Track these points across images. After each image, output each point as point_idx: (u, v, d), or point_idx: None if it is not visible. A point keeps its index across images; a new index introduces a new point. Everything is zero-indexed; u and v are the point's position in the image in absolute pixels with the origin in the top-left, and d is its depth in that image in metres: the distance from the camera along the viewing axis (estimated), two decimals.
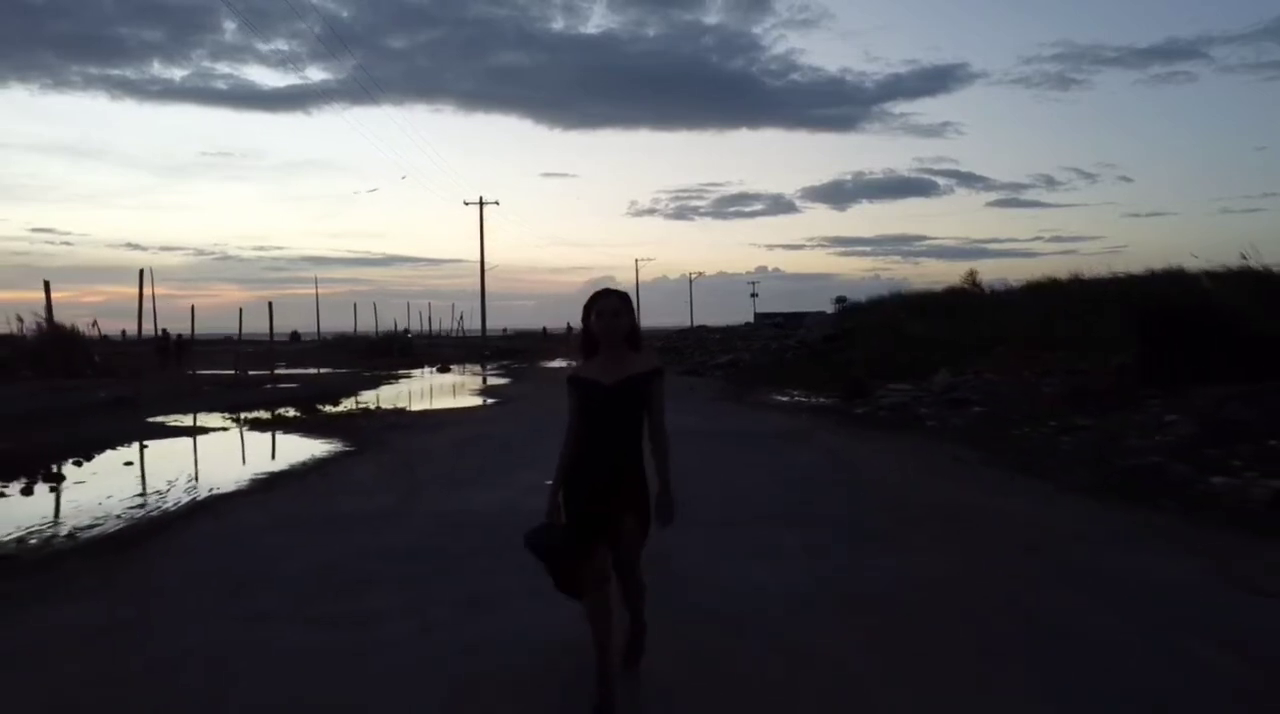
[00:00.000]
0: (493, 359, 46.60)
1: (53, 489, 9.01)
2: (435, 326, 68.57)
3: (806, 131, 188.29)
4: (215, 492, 8.67)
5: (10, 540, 6.75)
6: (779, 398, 19.21)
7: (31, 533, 6.99)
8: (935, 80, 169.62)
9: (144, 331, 32.85)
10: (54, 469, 9.98)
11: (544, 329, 73.96)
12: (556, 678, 3.74)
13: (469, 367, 40.64)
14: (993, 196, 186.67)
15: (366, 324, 57.33)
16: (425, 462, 10.37)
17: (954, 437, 12.03)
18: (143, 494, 8.61)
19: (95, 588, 5.41)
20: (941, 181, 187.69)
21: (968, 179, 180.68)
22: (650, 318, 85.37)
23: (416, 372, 36.14)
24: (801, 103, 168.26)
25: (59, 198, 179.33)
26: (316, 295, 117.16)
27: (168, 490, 8.80)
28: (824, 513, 7.14)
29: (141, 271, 29.32)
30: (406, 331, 60.37)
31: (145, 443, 12.75)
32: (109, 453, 11.69)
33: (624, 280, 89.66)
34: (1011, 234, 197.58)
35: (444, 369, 37.74)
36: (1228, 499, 7.62)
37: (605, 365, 3.47)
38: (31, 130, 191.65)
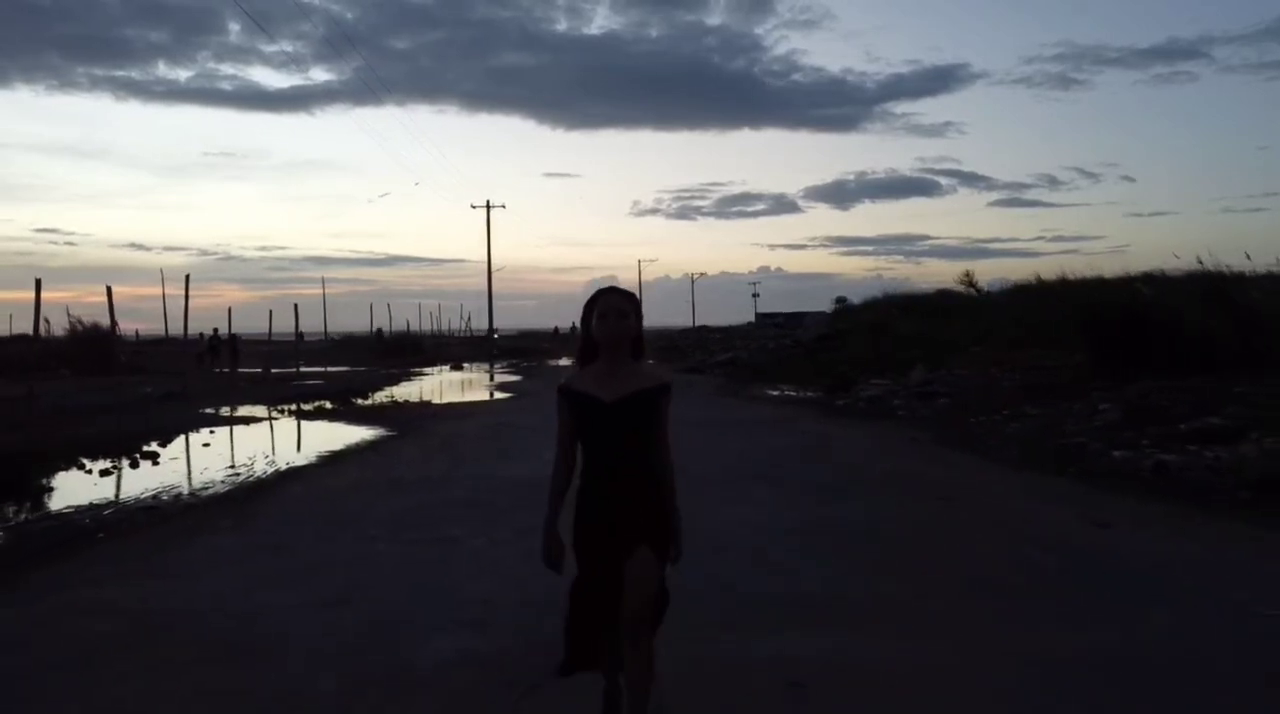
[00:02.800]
0: (500, 358, 48.42)
1: (154, 464, 10.78)
2: (440, 326, 70.58)
3: (808, 131, 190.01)
4: (292, 465, 10.46)
5: (147, 497, 8.53)
6: (771, 392, 21.00)
7: (161, 492, 8.77)
8: (937, 80, 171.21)
9: (162, 332, 34.36)
10: (145, 449, 11.74)
11: (555, 329, 75.71)
12: None
13: (479, 365, 42.39)
14: (995, 196, 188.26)
15: (363, 323, 58.59)
16: (461, 442, 12.15)
17: (918, 424, 13.77)
18: (232, 467, 10.39)
19: (234, 526, 7.17)
20: (944, 181, 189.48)
21: (970, 179, 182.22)
22: (652, 318, 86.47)
23: (430, 369, 37.95)
24: (803, 103, 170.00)
25: (63, 198, 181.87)
26: (324, 295, 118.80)
27: (251, 464, 10.58)
28: (793, 477, 8.89)
29: (188, 276, 30.40)
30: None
31: (211, 429, 14.53)
32: (182, 437, 13.46)
33: (626, 280, 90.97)
34: (1014, 234, 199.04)
35: (456, 367, 39.59)
36: (1121, 468, 9.37)
37: (604, 377, 2.97)
38: (36, 131, 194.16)
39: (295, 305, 35.00)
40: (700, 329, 69.09)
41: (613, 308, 2.97)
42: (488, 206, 60.16)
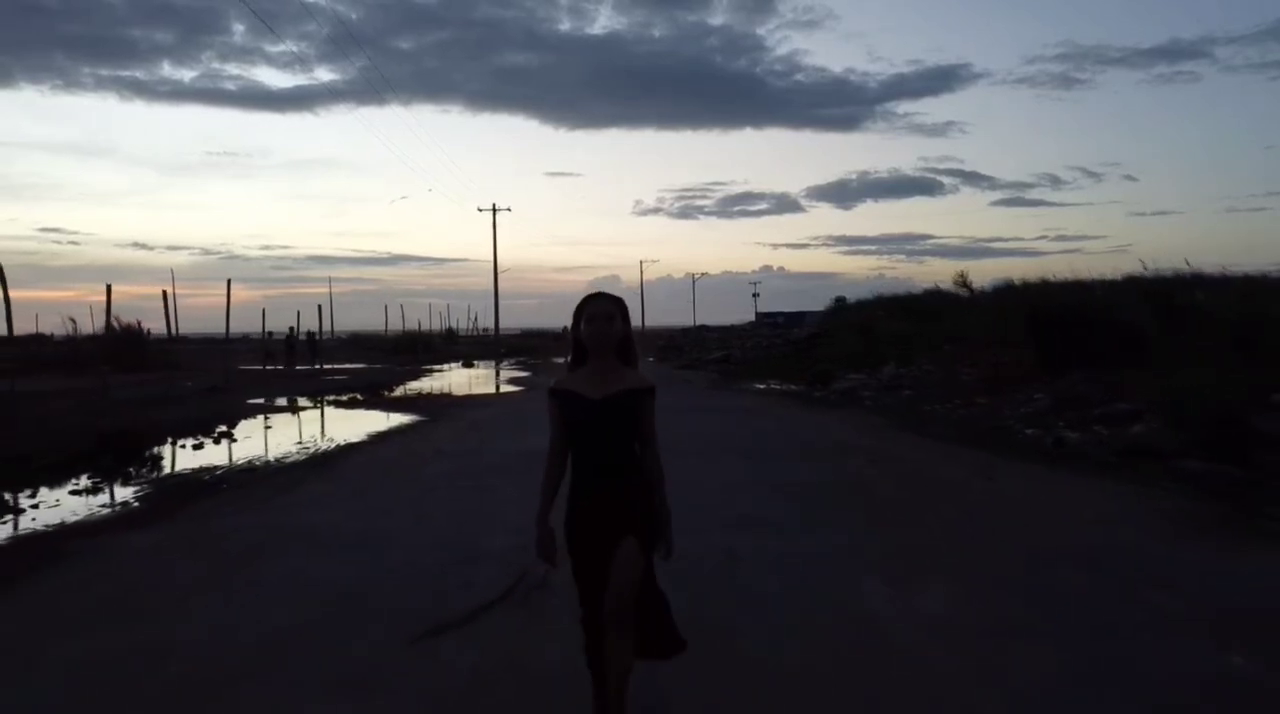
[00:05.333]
0: (508, 356, 50.61)
1: (232, 441, 12.90)
2: (447, 326, 72.78)
3: (811, 131, 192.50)
4: (348, 441, 12.58)
5: (242, 463, 10.65)
6: (758, 386, 23.10)
7: (252, 460, 10.89)
8: (939, 80, 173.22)
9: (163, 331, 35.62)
10: (219, 431, 13.86)
11: (564, 329, 77.92)
12: None
13: (488, 362, 44.52)
14: (997, 196, 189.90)
15: (367, 322, 59.75)
16: (485, 425, 14.26)
17: (881, 412, 15.86)
18: (299, 442, 12.51)
19: (321, 480, 9.28)
20: (946, 181, 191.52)
21: (972, 178, 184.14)
22: (654, 317, 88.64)
23: (444, 366, 40.12)
24: (806, 102, 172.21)
25: (67, 197, 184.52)
26: (330, 294, 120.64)
27: (314, 441, 12.70)
28: (760, 449, 10.98)
29: (229, 280, 32.08)
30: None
31: (265, 416, 16.65)
32: (244, 422, 15.59)
33: (628, 279, 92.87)
34: (1017, 233, 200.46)
35: (468, 364, 41.77)
36: (1030, 443, 11.47)
37: (593, 378, 3.16)
38: (41, 131, 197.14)
39: (320, 306, 37.19)
40: (700, 328, 70.96)
41: (599, 312, 3.16)
42: (493, 210, 62.15)
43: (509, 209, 67.38)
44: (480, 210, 63.05)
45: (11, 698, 3.82)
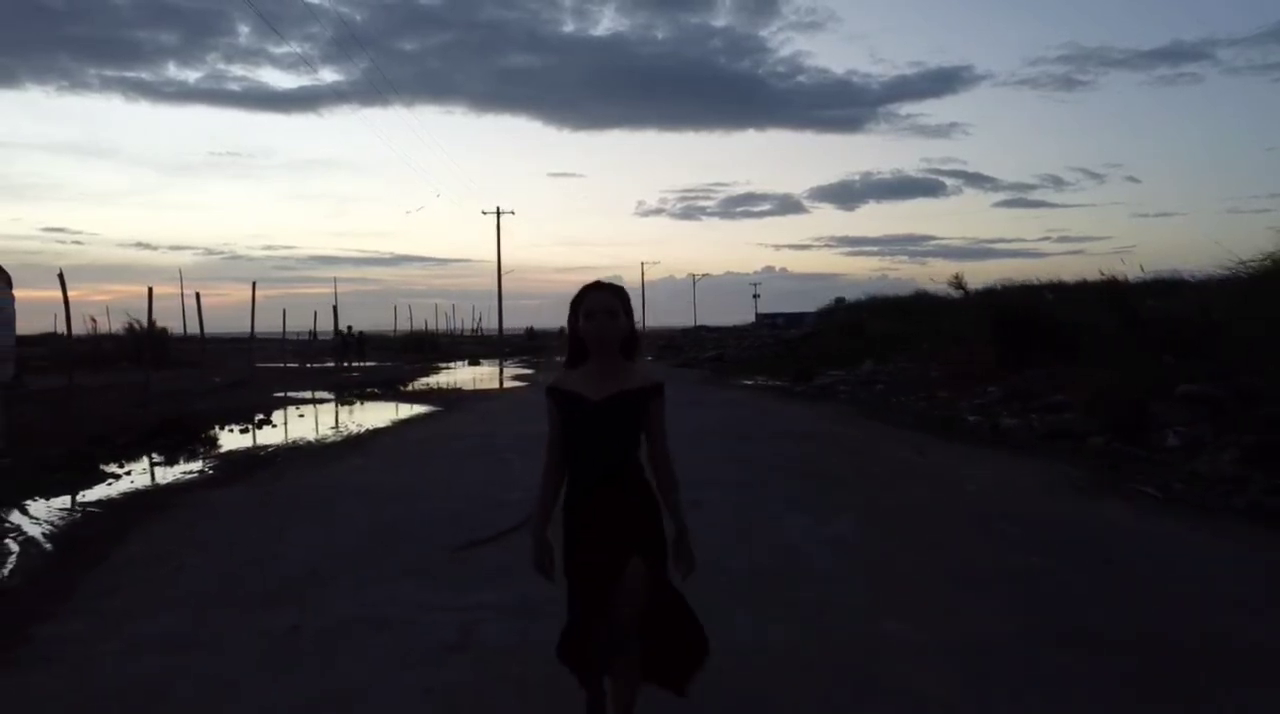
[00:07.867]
0: (512, 355, 52.38)
1: (273, 427, 14.58)
2: (452, 326, 74.66)
3: (814, 132, 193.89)
4: (375, 427, 14.28)
5: (287, 443, 12.34)
6: (745, 382, 24.80)
7: (295, 441, 12.58)
8: (941, 82, 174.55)
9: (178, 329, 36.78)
10: (259, 419, 15.54)
11: (561, 330, 79.48)
12: None
13: (493, 361, 46.23)
14: (1000, 197, 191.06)
15: (363, 322, 60.87)
16: (495, 415, 15.95)
17: (852, 403, 17.53)
18: (334, 428, 14.20)
19: (359, 455, 10.96)
20: (949, 182, 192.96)
21: (975, 179, 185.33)
22: (655, 317, 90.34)
23: (451, 364, 41.87)
24: (808, 104, 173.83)
25: (70, 197, 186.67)
26: (336, 294, 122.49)
27: (345, 427, 14.39)
28: (738, 433, 12.66)
29: (254, 283, 33.12)
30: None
31: (296, 407, 18.35)
32: (277, 412, 17.27)
33: (630, 280, 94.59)
34: (1019, 234, 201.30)
35: (474, 362, 43.53)
36: (971, 428, 13.13)
37: (593, 377, 2.91)
38: (46, 131, 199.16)
39: (334, 306, 38.73)
40: (699, 329, 72.53)
41: (600, 306, 2.89)
42: (498, 213, 63.70)
43: (512, 212, 68.94)
44: (484, 213, 64.63)
45: (170, 593, 5.49)
